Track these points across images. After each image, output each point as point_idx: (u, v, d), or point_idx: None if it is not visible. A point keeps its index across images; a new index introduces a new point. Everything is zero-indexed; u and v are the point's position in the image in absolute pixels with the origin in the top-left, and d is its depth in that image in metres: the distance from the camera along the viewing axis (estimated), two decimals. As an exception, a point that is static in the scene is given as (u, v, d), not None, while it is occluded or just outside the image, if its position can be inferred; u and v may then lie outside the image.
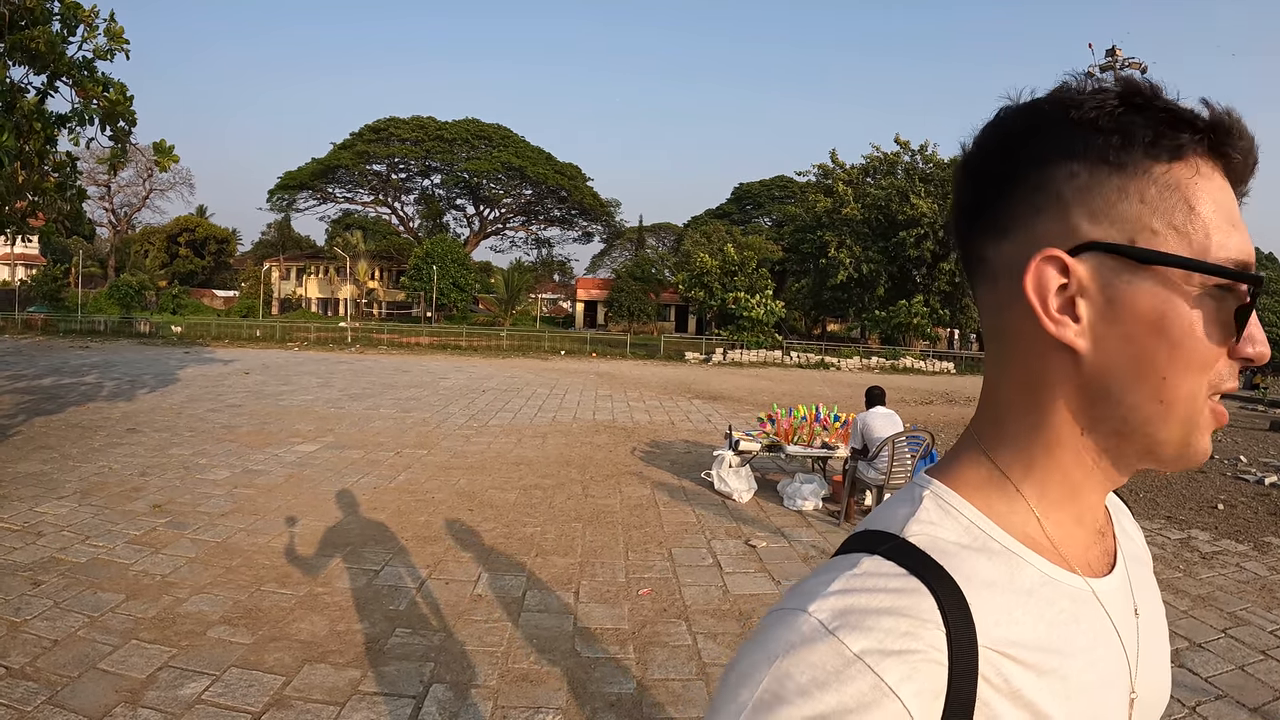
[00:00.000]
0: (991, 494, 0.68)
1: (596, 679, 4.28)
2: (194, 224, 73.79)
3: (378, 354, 32.87)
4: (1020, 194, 0.65)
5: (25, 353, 26.46)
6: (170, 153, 10.11)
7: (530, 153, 73.84)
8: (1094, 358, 0.63)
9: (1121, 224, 0.62)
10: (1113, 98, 0.62)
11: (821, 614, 0.58)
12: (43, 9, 8.61)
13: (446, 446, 11.18)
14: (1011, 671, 0.60)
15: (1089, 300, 0.62)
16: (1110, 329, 0.62)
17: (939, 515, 0.67)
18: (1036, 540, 0.67)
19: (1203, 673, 4.64)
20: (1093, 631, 0.66)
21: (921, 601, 0.59)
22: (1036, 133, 0.64)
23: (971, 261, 0.71)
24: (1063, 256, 0.62)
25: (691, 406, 17.83)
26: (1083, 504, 0.70)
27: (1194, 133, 0.62)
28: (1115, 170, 0.62)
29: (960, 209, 0.71)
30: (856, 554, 0.64)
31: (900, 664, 0.55)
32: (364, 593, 5.38)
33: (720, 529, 7.34)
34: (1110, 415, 0.64)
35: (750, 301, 37.53)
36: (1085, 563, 0.70)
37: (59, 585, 5.29)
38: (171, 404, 14.53)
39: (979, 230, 0.69)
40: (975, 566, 0.63)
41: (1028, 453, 0.68)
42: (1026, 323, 0.64)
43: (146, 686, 3.99)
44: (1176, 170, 0.62)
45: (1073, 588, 0.67)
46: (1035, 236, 0.64)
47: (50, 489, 7.82)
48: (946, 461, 0.73)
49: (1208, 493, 10.09)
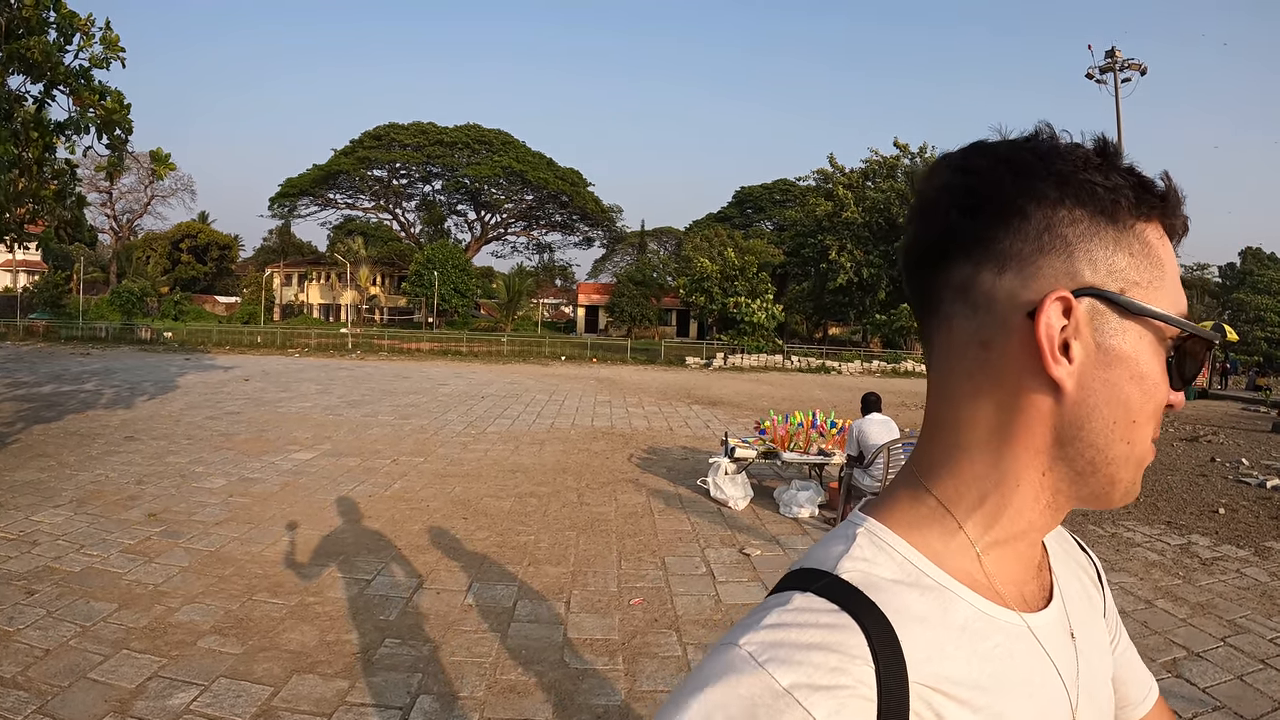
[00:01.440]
0: (928, 530, 0.69)
1: (584, 690, 4.28)
2: (196, 230, 73.90)
3: (378, 360, 32.91)
4: (1024, 228, 0.65)
5: (26, 359, 26.52)
6: (167, 161, 10.14)
7: (531, 158, 73.88)
8: (1075, 398, 0.64)
9: (1114, 274, 0.64)
10: (1094, 154, 0.66)
11: (751, 647, 0.58)
12: (39, 18, 8.64)
13: (443, 454, 11.19)
14: (944, 707, 0.60)
15: (1081, 343, 0.63)
16: (1095, 372, 0.64)
17: (873, 551, 0.67)
18: (972, 576, 0.68)
19: (1200, 683, 4.60)
20: (1028, 667, 0.67)
21: (851, 637, 0.59)
22: (1034, 172, 0.65)
23: (938, 286, 0.69)
24: (1069, 298, 0.63)
25: (690, 412, 17.83)
26: (1026, 541, 0.71)
27: (1158, 198, 0.66)
28: (1110, 223, 0.65)
29: (935, 230, 0.69)
30: (790, 591, 0.64)
31: (828, 699, 0.55)
32: (355, 602, 5.38)
33: (715, 537, 7.34)
34: (1077, 455, 0.66)
35: (751, 306, 37.58)
36: (1021, 598, 0.71)
37: (52, 594, 5.30)
38: (170, 411, 14.56)
39: (960, 255, 0.67)
40: (907, 602, 0.63)
41: (979, 489, 0.68)
42: (1016, 358, 0.65)
43: (136, 696, 4.00)
44: (1149, 230, 0.66)
45: (1007, 623, 0.67)
46: (1040, 274, 0.64)
47: (47, 497, 7.83)
48: (883, 498, 0.73)
49: (1208, 497, 10.05)
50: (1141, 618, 5.61)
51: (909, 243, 0.72)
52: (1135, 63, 30.82)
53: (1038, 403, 0.65)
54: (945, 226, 0.68)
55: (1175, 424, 18.59)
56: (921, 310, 0.72)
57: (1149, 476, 11.09)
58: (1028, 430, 0.65)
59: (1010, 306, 0.65)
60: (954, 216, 0.67)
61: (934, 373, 0.72)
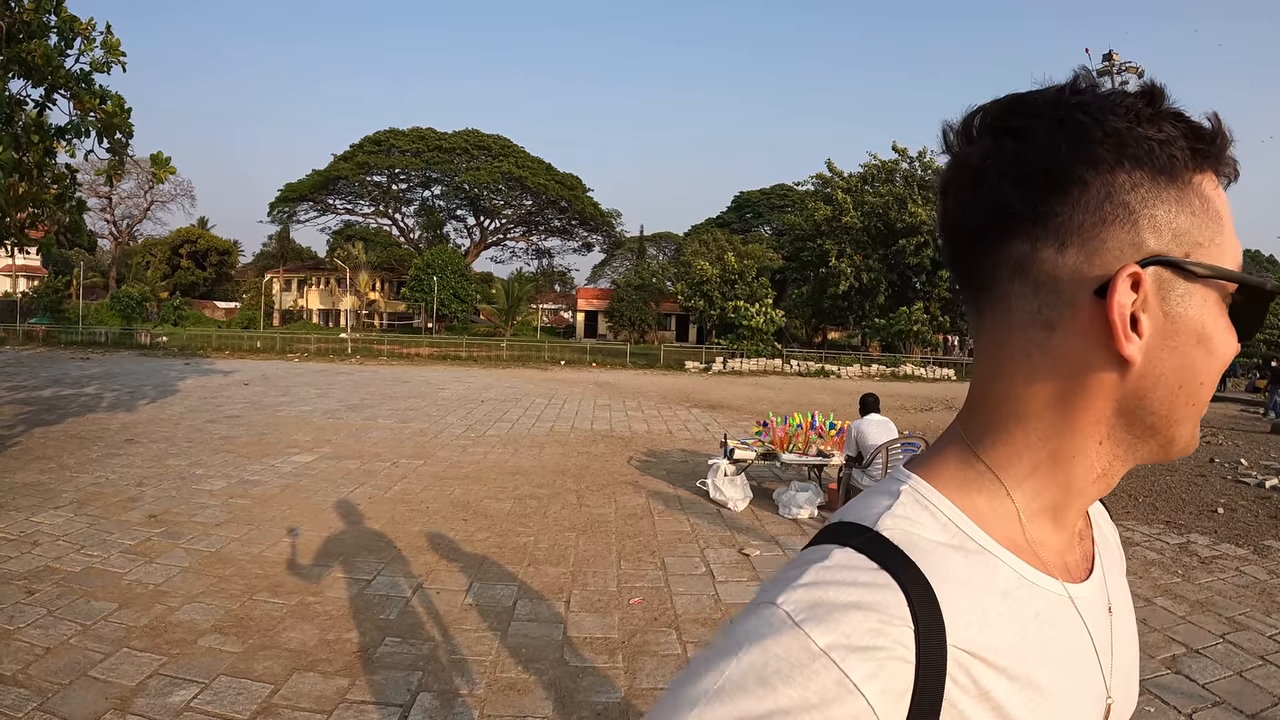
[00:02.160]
0: (975, 493, 0.67)
1: (584, 688, 4.29)
2: (195, 235, 73.88)
3: (377, 365, 32.92)
4: (1084, 199, 0.61)
5: (26, 364, 26.54)
6: (167, 164, 10.16)
7: (530, 163, 73.87)
8: (1142, 370, 0.61)
9: (1179, 238, 0.61)
10: (1144, 104, 0.61)
11: (789, 606, 0.57)
12: (40, 22, 8.67)
13: (443, 457, 11.20)
14: (981, 674, 0.59)
15: (1150, 314, 0.61)
16: (1163, 340, 0.61)
17: (916, 510, 0.65)
18: (1016, 542, 0.66)
19: (1200, 679, 4.62)
20: (1068, 638, 0.66)
21: (891, 597, 0.57)
22: (1088, 134, 0.61)
23: (990, 263, 0.65)
24: (1139, 271, 0.59)
25: (690, 415, 17.83)
26: (1073, 510, 0.69)
27: (1211, 143, 0.62)
28: (1170, 181, 0.61)
29: (984, 203, 0.64)
30: (828, 545, 0.62)
31: (866, 660, 0.54)
32: (355, 602, 5.39)
33: (714, 538, 7.35)
34: (1137, 422, 0.64)
35: (750, 310, 37.60)
36: (1064, 567, 0.69)
37: (52, 594, 5.31)
38: (170, 415, 14.57)
39: (1017, 230, 0.63)
40: (950, 565, 0.61)
41: (1031, 459, 0.66)
42: (1082, 337, 0.62)
43: (136, 694, 4.01)
44: (1205, 183, 0.63)
45: (1049, 592, 0.66)
46: (1105, 248, 0.61)
47: (47, 499, 7.84)
48: (928, 457, 0.71)
49: (1208, 496, 10.08)
50: (1141, 615, 5.62)
51: (951, 215, 0.68)
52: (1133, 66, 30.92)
53: (1103, 379, 0.62)
54: (996, 200, 0.63)
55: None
56: (970, 285, 0.68)
57: (1147, 477, 11.11)
58: (1088, 404, 0.63)
59: (1076, 286, 0.61)
60: (1005, 189, 0.63)
61: (984, 346, 0.68)
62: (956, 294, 0.85)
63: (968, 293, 0.69)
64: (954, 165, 0.68)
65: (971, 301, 0.69)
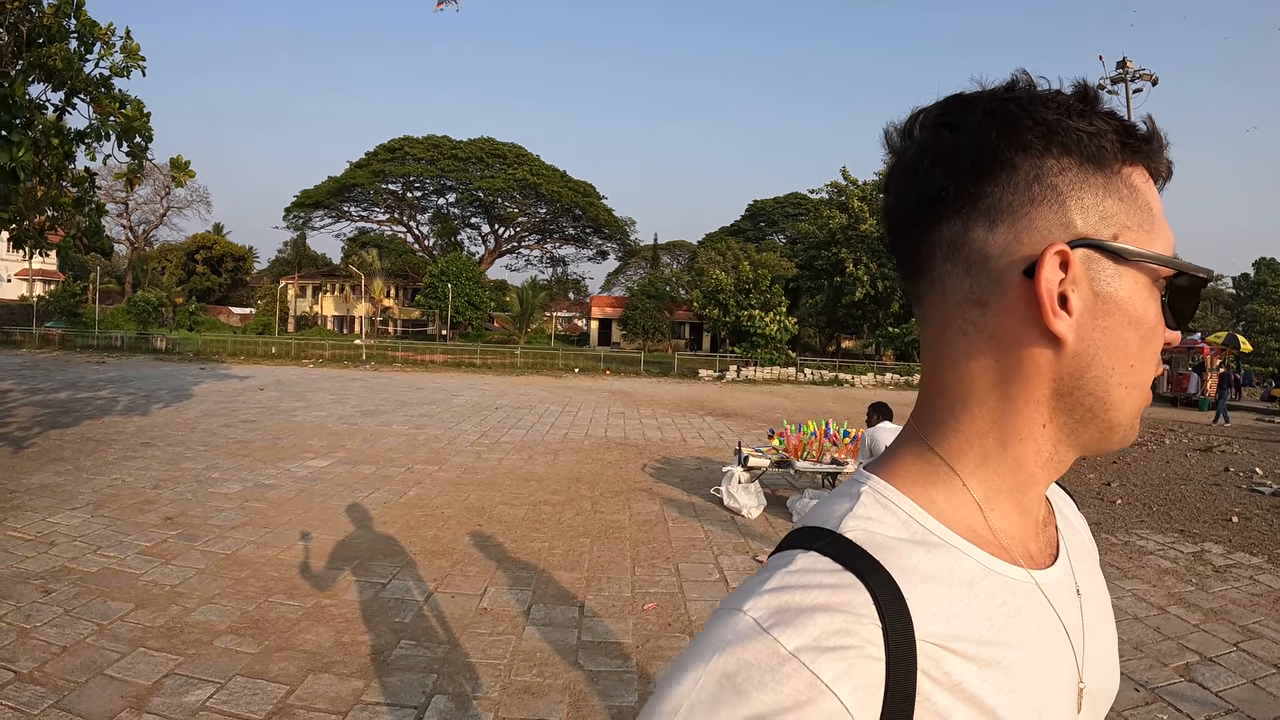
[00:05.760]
0: (932, 488, 0.68)
1: (599, 692, 4.27)
2: (211, 241, 74.49)
3: (392, 371, 33.03)
4: (1012, 181, 0.64)
5: (43, 367, 26.75)
6: (186, 168, 10.23)
7: (544, 171, 74.11)
8: (1075, 349, 0.63)
9: (1106, 220, 0.64)
10: (1076, 100, 0.65)
11: (756, 612, 0.58)
12: (60, 26, 8.75)
13: (458, 463, 11.21)
14: (952, 665, 0.60)
15: (1079, 293, 0.63)
16: (1094, 320, 0.63)
17: (877, 510, 0.66)
18: (978, 533, 0.67)
19: (1213, 687, 4.58)
20: (1036, 624, 0.66)
21: (856, 596, 0.58)
22: (1018, 122, 0.64)
23: (926, 246, 0.68)
24: (1067, 251, 0.62)
25: (704, 423, 17.81)
26: (1030, 496, 0.70)
27: (1143, 141, 0.66)
28: (1097, 169, 0.64)
29: (919, 190, 0.67)
30: (793, 550, 0.64)
31: (836, 660, 0.55)
32: (370, 605, 5.39)
33: (728, 544, 7.32)
34: (1076, 404, 0.65)
35: (764, 319, 37.55)
36: (1028, 554, 0.70)
37: (69, 594, 5.33)
38: (186, 419, 14.64)
39: (950, 212, 0.66)
40: (913, 560, 0.63)
41: (981, 446, 0.67)
42: (1013, 314, 0.64)
43: (152, 693, 4.01)
44: (1135, 174, 0.66)
45: (1015, 580, 0.67)
46: (1035, 228, 0.63)
47: (64, 500, 7.88)
48: (886, 457, 0.73)
49: (1222, 505, 9.99)
50: (1154, 624, 5.56)
51: (891, 204, 0.71)
52: (1146, 73, 30.79)
53: (1037, 356, 0.64)
54: (930, 186, 0.66)
55: (1189, 434, 18.47)
56: (909, 271, 0.71)
57: (1162, 486, 11.03)
58: (1027, 384, 0.65)
59: (1005, 263, 0.64)
60: (938, 175, 0.66)
61: (928, 333, 0.71)
62: (902, 286, 0.83)
63: (908, 281, 0.72)
64: (894, 160, 0.71)
65: (912, 289, 0.72)
